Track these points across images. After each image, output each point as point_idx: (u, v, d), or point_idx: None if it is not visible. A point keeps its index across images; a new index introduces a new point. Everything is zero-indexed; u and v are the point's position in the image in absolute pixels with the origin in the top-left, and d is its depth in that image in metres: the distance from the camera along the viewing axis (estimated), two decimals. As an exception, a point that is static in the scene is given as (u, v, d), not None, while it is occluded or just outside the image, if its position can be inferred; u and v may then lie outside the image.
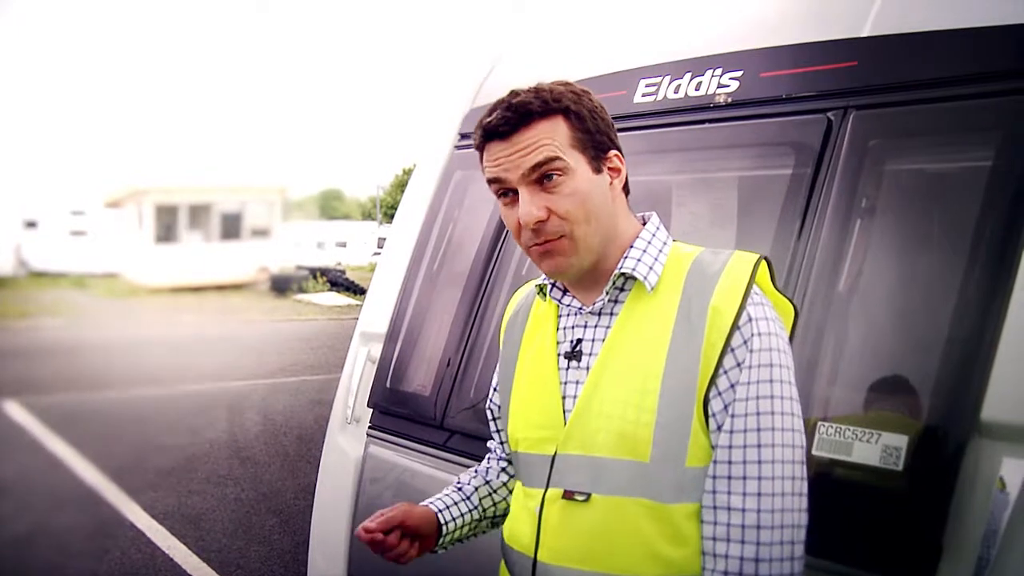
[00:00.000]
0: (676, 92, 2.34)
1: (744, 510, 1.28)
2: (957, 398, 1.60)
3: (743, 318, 1.32)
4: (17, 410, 9.07)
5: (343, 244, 42.52)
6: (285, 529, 5.55)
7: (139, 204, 28.77)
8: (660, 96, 2.37)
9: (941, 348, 1.66)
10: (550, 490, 1.42)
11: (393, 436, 2.76)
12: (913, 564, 1.57)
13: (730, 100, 2.21)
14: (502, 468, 1.75)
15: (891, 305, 1.84)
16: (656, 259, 1.41)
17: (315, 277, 27.74)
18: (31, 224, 30.77)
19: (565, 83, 1.44)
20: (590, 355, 1.42)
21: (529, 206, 1.36)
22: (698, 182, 2.67)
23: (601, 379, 1.39)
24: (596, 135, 1.41)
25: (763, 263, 1.40)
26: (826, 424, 1.74)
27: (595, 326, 1.44)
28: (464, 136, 2.98)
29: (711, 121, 2.24)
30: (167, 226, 28.74)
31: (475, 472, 1.76)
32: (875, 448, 1.66)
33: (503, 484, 1.73)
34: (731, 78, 2.22)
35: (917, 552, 1.57)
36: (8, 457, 7.31)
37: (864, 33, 2.00)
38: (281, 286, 26.79)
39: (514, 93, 1.40)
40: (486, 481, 1.73)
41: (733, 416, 1.30)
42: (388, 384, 2.82)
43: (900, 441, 1.64)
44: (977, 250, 1.67)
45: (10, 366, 12.08)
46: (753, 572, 1.27)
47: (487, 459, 1.79)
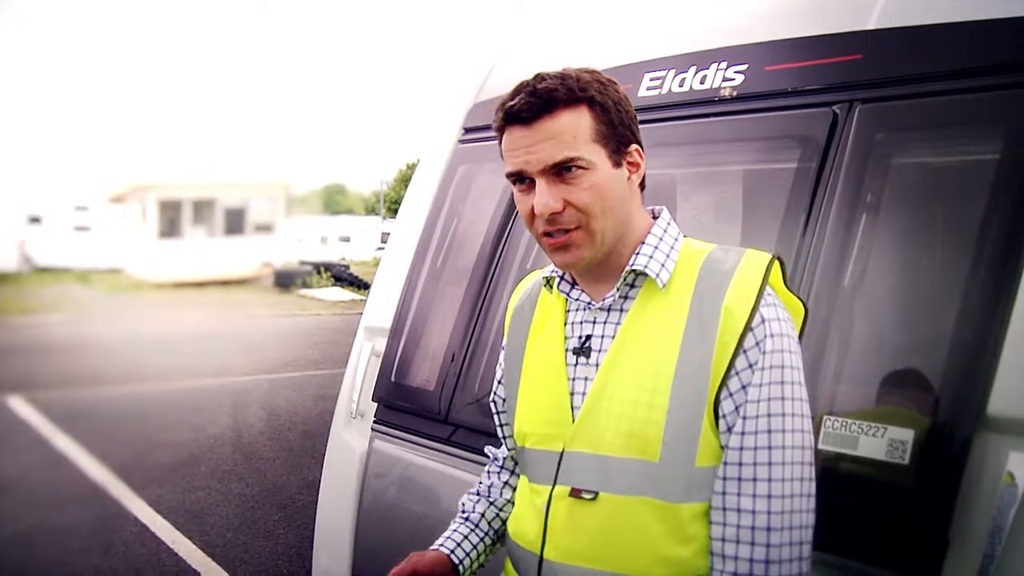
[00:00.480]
0: (681, 86, 2.33)
1: (754, 511, 1.28)
2: (963, 392, 1.60)
3: (756, 319, 1.30)
4: (21, 406, 9.08)
5: (347, 239, 42.55)
6: (289, 524, 5.55)
7: (143, 199, 28.83)
8: (665, 90, 2.36)
9: (947, 342, 1.65)
10: (557, 487, 1.40)
11: (398, 431, 2.76)
12: (919, 558, 1.57)
13: (735, 94, 2.20)
14: (504, 482, 1.69)
15: (897, 299, 1.83)
16: (668, 256, 1.40)
17: (319, 272, 27.80)
18: (35, 220, 30.81)
19: (591, 71, 1.40)
20: (600, 352, 1.40)
21: (546, 197, 1.34)
22: (703, 176, 2.67)
23: (611, 377, 1.37)
24: (619, 128, 1.38)
25: (776, 263, 1.38)
26: (832, 418, 1.73)
27: (605, 322, 1.42)
28: (468, 131, 2.98)
29: (716, 115, 2.24)
30: (171, 221, 28.82)
31: (477, 495, 1.69)
32: (881, 442, 1.65)
33: (508, 501, 1.67)
34: (736, 71, 2.22)
35: (923, 546, 1.57)
36: (12, 453, 7.32)
37: (870, 26, 1.99)
38: (285, 281, 26.83)
39: (539, 77, 1.36)
40: (491, 503, 1.67)
41: (744, 418, 1.30)
42: (392, 379, 2.82)
43: (906, 435, 1.63)
44: (983, 244, 1.67)
45: (14, 362, 12.11)
46: (763, 573, 1.27)
47: (487, 473, 1.73)
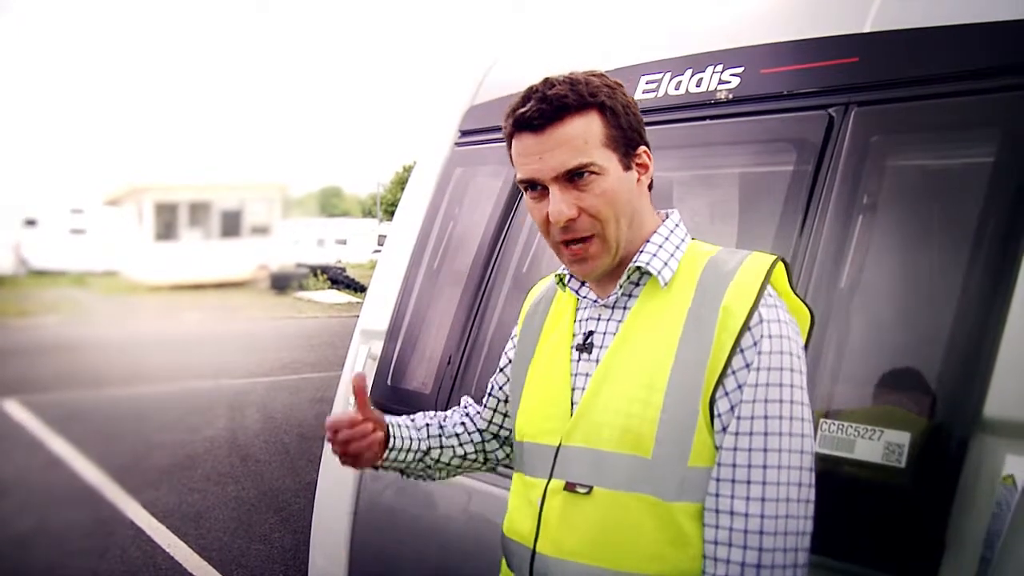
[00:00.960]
0: (677, 89, 2.33)
1: (747, 515, 1.26)
2: (960, 394, 1.60)
3: (754, 319, 1.30)
4: (17, 409, 9.06)
5: (343, 241, 42.55)
6: (286, 527, 5.54)
7: (139, 202, 28.80)
8: (661, 93, 2.36)
9: (944, 345, 1.65)
10: (553, 481, 1.41)
11: (394, 434, 2.75)
12: (916, 561, 1.57)
13: (731, 96, 2.20)
14: (464, 416, 1.73)
15: (893, 301, 1.83)
16: (672, 255, 1.41)
17: (315, 275, 27.78)
18: (31, 222, 30.79)
19: (599, 74, 1.40)
20: (601, 348, 1.41)
21: (560, 204, 1.35)
22: (699, 179, 2.67)
23: (609, 372, 1.38)
24: (628, 131, 1.39)
25: (780, 265, 1.38)
26: (829, 421, 1.73)
27: (608, 319, 1.43)
28: (465, 133, 2.98)
29: (712, 118, 2.24)
30: (167, 224, 28.79)
31: (433, 414, 1.73)
32: (878, 445, 1.65)
33: (455, 434, 1.69)
34: (732, 74, 2.22)
35: (920, 549, 1.57)
36: (8, 456, 7.30)
37: (865, 29, 2.00)
38: (281, 284, 26.80)
39: (549, 83, 1.37)
40: (440, 424, 1.70)
41: (739, 418, 1.29)
42: (389, 382, 2.82)
43: (903, 438, 1.63)
44: (979, 246, 1.67)
45: (10, 364, 12.08)
46: None
47: (452, 410, 1.76)
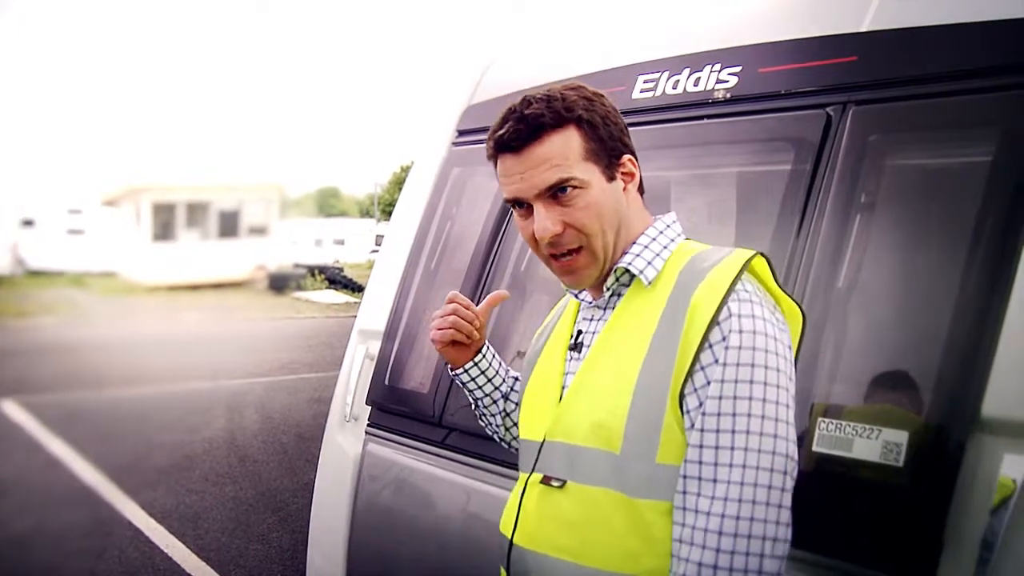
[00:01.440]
0: (674, 88, 2.33)
1: (709, 513, 1.22)
2: (958, 394, 1.60)
3: (723, 313, 1.28)
4: (15, 409, 9.04)
5: (341, 242, 42.51)
6: (284, 527, 5.54)
7: (136, 202, 28.75)
8: (658, 92, 2.36)
9: (941, 344, 1.65)
10: (533, 475, 1.44)
11: (392, 434, 2.76)
12: (914, 560, 1.57)
13: (729, 96, 2.20)
14: (510, 389, 1.82)
15: (891, 301, 1.83)
16: (658, 255, 1.41)
17: (313, 275, 27.76)
18: (28, 222, 30.70)
19: (577, 87, 1.42)
20: (588, 346, 1.45)
21: (545, 221, 1.36)
22: (697, 178, 2.67)
23: (590, 369, 1.41)
24: (609, 142, 1.40)
25: (760, 260, 1.37)
26: (826, 420, 1.73)
27: (598, 319, 1.46)
28: (462, 133, 2.97)
29: (710, 117, 2.24)
30: (164, 224, 28.74)
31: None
32: (875, 444, 1.65)
33: (512, 399, 1.80)
34: (730, 74, 2.22)
35: (918, 548, 1.57)
36: (6, 456, 7.29)
37: (863, 28, 2.00)
38: (279, 284, 26.78)
39: (526, 101, 1.38)
40: (512, 384, 1.81)
41: (705, 414, 1.26)
42: (387, 382, 2.82)
43: (900, 437, 1.63)
44: (977, 245, 1.67)
45: (8, 365, 12.05)
46: None
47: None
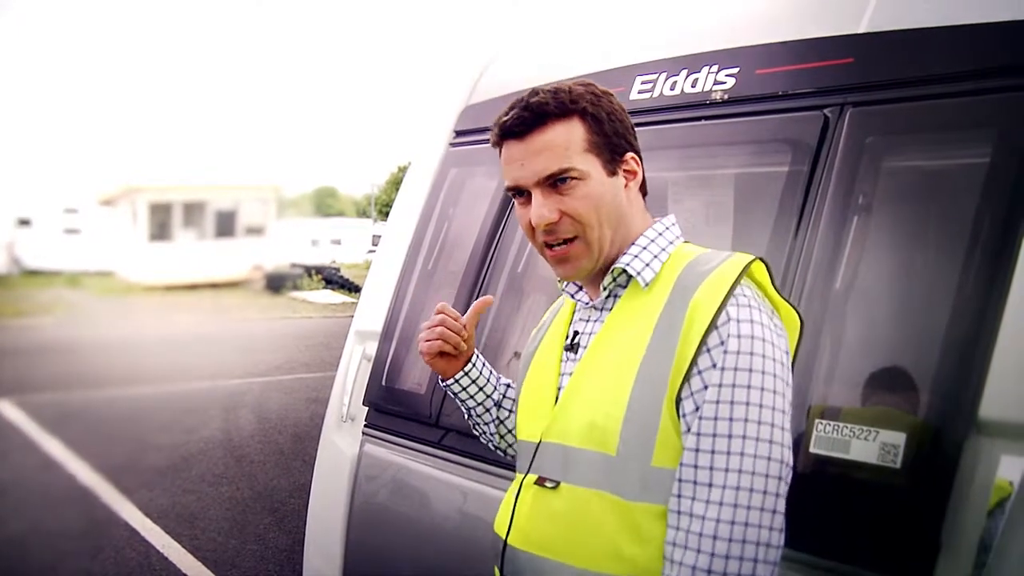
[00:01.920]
0: (672, 89, 2.33)
1: (704, 517, 1.22)
2: (955, 396, 1.60)
3: (722, 318, 1.28)
4: (11, 409, 9.03)
5: (338, 242, 42.49)
6: (280, 528, 5.53)
7: (133, 202, 28.72)
8: (656, 93, 2.36)
9: (939, 346, 1.65)
10: (528, 475, 1.44)
11: (388, 434, 2.76)
12: (911, 561, 1.57)
13: (726, 97, 2.20)
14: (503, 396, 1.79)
15: (888, 302, 1.83)
16: (656, 256, 1.41)
17: (310, 275, 27.74)
18: (24, 222, 30.68)
19: (586, 83, 1.43)
20: (585, 347, 1.44)
21: (541, 208, 1.38)
22: (694, 179, 2.67)
23: (587, 371, 1.41)
24: (613, 138, 1.41)
25: (759, 265, 1.37)
26: (824, 422, 1.73)
27: (594, 320, 1.46)
28: (459, 133, 2.97)
29: (707, 118, 2.24)
30: (161, 224, 28.71)
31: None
32: (873, 445, 1.65)
33: (501, 405, 1.77)
34: (727, 75, 2.22)
35: (915, 549, 1.57)
36: (2, 457, 7.28)
37: (861, 30, 2.00)
38: (276, 284, 26.76)
39: (533, 92, 1.40)
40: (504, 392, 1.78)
41: (702, 418, 1.26)
42: (384, 382, 2.81)
43: (898, 439, 1.63)
44: (974, 247, 1.67)
45: (4, 365, 12.03)
46: None
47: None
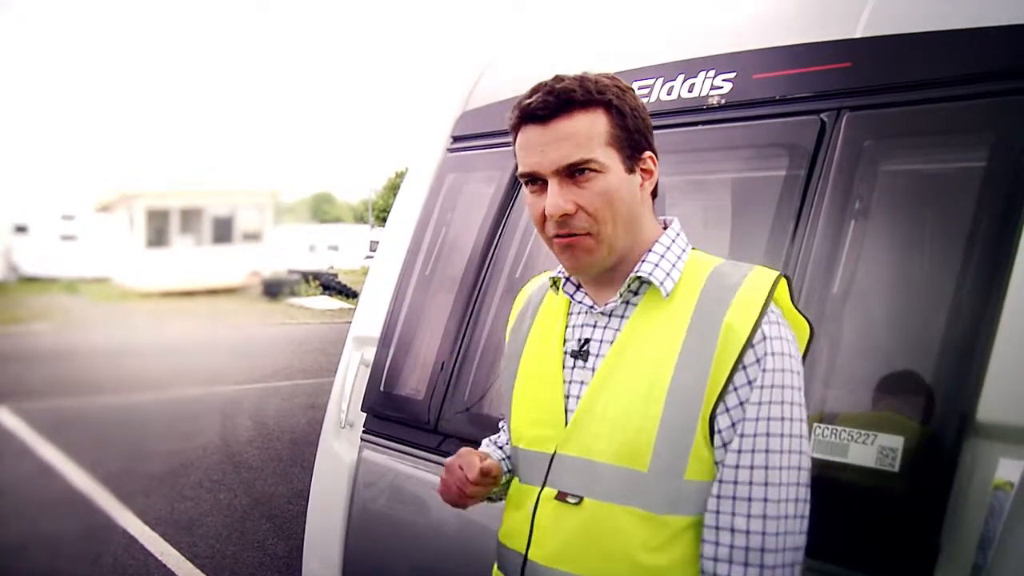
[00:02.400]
0: (669, 94, 2.33)
1: (748, 531, 1.27)
2: (953, 399, 1.60)
3: (757, 336, 1.29)
4: (7, 416, 8.99)
5: (335, 247, 42.45)
6: (279, 534, 5.52)
7: (130, 208, 28.68)
8: (653, 98, 2.36)
9: (937, 349, 1.66)
10: (545, 490, 1.41)
11: (387, 440, 2.75)
12: (910, 565, 1.57)
13: (723, 102, 2.21)
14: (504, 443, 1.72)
15: (886, 306, 1.84)
16: (674, 265, 1.40)
17: (307, 281, 27.68)
18: (21, 228, 30.60)
19: (611, 76, 1.41)
20: (597, 356, 1.40)
21: (557, 198, 1.34)
22: (692, 184, 2.67)
23: (607, 382, 1.37)
24: (635, 134, 1.39)
25: (783, 281, 1.37)
26: (822, 425, 1.73)
27: (605, 327, 1.42)
28: (457, 139, 2.97)
29: (704, 123, 2.24)
30: (158, 230, 28.67)
31: (497, 438, 1.73)
32: (871, 449, 1.65)
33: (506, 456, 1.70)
34: (724, 79, 2.22)
35: (914, 553, 1.57)
36: (-1, 464, 7.26)
37: (857, 34, 2.00)
38: (273, 290, 26.71)
39: (558, 78, 1.37)
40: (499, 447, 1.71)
41: (742, 436, 1.29)
42: (382, 388, 2.81)
43: (896, 442, 1.63)
44: (971, 251, 1.67)
45: (1, 371, 11.99)
46: None
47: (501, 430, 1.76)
